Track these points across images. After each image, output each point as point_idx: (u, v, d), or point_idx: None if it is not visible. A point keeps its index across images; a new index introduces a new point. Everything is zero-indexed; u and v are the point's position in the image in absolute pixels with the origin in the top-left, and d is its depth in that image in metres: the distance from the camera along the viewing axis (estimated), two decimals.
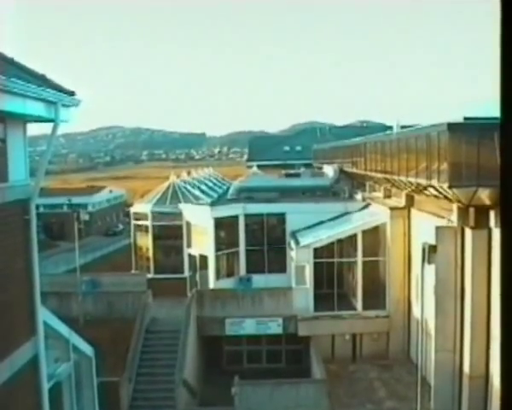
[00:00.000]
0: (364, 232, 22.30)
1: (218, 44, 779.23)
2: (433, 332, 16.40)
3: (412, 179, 18.27)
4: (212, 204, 27.91)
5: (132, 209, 32.54)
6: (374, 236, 22.49)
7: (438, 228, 16.03)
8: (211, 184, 39.95)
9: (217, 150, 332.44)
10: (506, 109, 1.45)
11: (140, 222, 30.93)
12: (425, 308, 16.66)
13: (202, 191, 33.93)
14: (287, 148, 62.92)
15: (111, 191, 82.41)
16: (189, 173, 39.85)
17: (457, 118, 14.70)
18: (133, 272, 30.43)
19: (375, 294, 22.36)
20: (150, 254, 29.99)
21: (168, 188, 32.13)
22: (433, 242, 15.93)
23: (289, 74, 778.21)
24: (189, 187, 33.13)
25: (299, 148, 62.04)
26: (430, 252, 15.74)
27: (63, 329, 9.65)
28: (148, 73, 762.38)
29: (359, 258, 22.25)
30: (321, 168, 41.07)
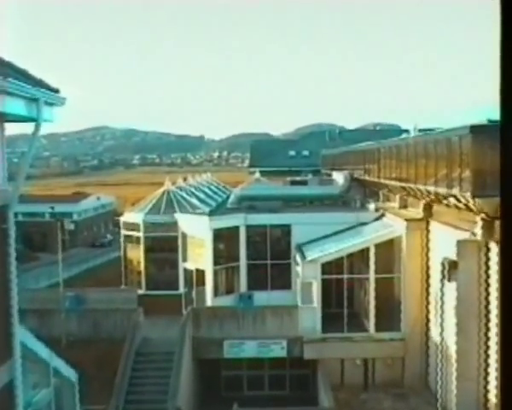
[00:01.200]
0: (378, 246, 22.24)
1: (218, 41, 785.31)
2: (454, 358, 16.24)
3: (431, 188, 18.21)
4: (211, 214, 27.91)
5: (122, 219, 32.51)
6: (388, 250, 22.42)
7: (459, 242, 15.92)
8: (209, 192, 39.93)
9: (216, 155, 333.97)
10: (506, 112, 1.57)
11: (131, 233, 30.90)
12: (445, 331, 16.53)
13: (200, 199, 33.89)
14: (292, 152, 62.92)
15: (99, 199, 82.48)
16: (185, 180, 39.81)
17: (480, 120, 14.65)
18: (122, 287, 30.38)
19: (390, 314, 22.25)
20: (142, 267, 29.94)
21: (162, 195, 32.12)
22: (454, 257, 15.83)
23: (294, 73, 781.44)
24: (185, 195, 33.11)
25: (305, 152, 62.06)
26: (451, 268, 15.64)
27: (43, 351, 9.56)
28: (142, 70, 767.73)
29: (372, 274, 22.17)
30: (330, 175, 41.09)
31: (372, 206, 27.56)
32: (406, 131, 26.20)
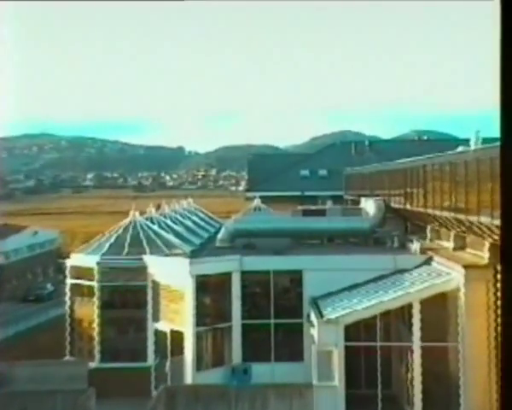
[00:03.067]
0: (424, 302, 22.16)
1: (207, 27, 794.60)
2: None
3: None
4: (193, 255, 28.03)
5: (69, 262, 32.38)
6: (439, 308, 22.38)
7: None
8: (191, 225, 39.95)
9: (200, 173, 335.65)
10: (506, 131, 2.15)
11: (81, 281, 30.76)
12: None
13: (178, 235, 33.87)
14: (305, 171, 63.50)
15: (35, 233, 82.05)
16: (158, 208, 39.89)
17: None
18: (67, 359, 30.12)
19: (444, 399, 22.08)
20: (96, 330, 29.76)
21: (126, 230, 32.10)
22: None
23: (308, 66, 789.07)
24: (157, 229, 33.09)
25: (323, 172, 62.59)
26: None
27: None
28: (102, 60, 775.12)
29: (417, 342, 22.04)
30: (357, 203, 41.18)
31: (416, 246, 27.57)
32: (465, 141, 26.21)
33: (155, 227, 33.24)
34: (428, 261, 25.56)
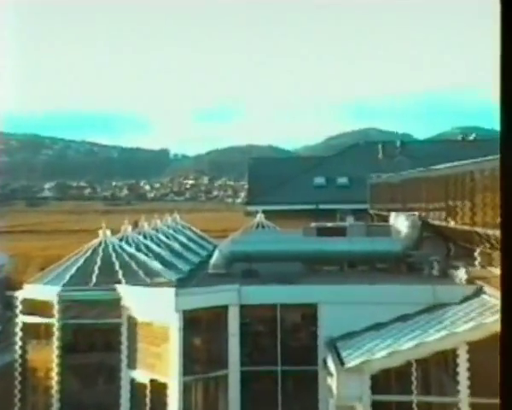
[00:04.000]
0: (474, 346, 22.06)
1: (204, 20, 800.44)
2: None
3: None
4: (180, 285, 28.00)
5: (21, 294, 32.17)
6: (493, 353, 21.81)
7: None
8: (177, 247, 39.87)
9: (189, 182, 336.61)
10: (506, 130, 2.62)
11: (36, 319, 30.55)
12: None
13: (161, 259, 33.71)
14: (320, 179, 63.73)
15: None
16: (135, 225, 39.74)
17: None
18: None
19: None
20: (55, 381, 29.56)
21: (95, 252, 31.95)
22: None
23: (321, 52, 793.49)
24: (134, 251, 32.96)
25: (342, 179, 62.91)
26: None
27: None
28: (73, 45, 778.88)
29: (464, 397, 21.90)
30: (385, 219, 41.16)
31: (461, 273, 27.48)
32: None
33: (132, 250, 33.13)
34: (478, 293, 25.43)
